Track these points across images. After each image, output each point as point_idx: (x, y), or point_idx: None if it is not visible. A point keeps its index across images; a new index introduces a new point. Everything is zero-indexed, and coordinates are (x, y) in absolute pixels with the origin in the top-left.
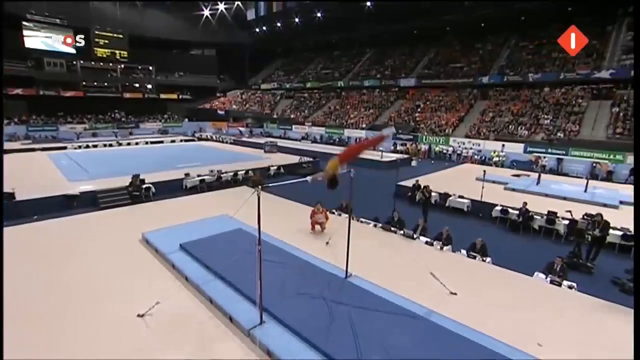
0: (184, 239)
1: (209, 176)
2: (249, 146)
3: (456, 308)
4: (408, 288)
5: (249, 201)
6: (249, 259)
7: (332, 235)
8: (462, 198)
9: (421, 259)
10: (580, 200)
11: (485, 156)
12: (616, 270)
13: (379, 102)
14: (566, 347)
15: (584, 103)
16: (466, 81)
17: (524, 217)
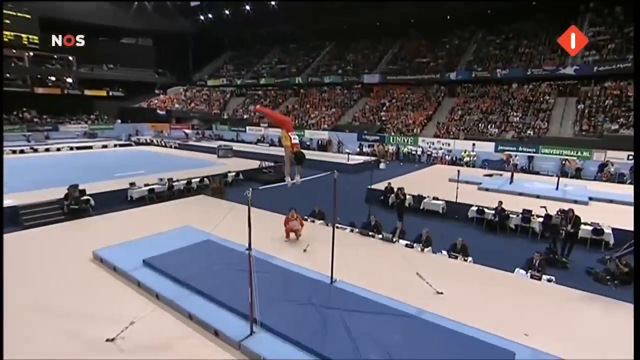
0: (145, 254)
1: (158, 185)
2: (199, 151)
3: (444, 306)
4: (395, 290)
5: (213, 209)
6: (225, 270)
7: (308, 243)
8: (437, 200)
9: (403, 262)
10: (552, 198)
11: (455, 156)
12: (589, 264)
13: (341, 100)
14: (550, 335)
15: (551, 100)
16: (433, 77)
17: (500, 216)
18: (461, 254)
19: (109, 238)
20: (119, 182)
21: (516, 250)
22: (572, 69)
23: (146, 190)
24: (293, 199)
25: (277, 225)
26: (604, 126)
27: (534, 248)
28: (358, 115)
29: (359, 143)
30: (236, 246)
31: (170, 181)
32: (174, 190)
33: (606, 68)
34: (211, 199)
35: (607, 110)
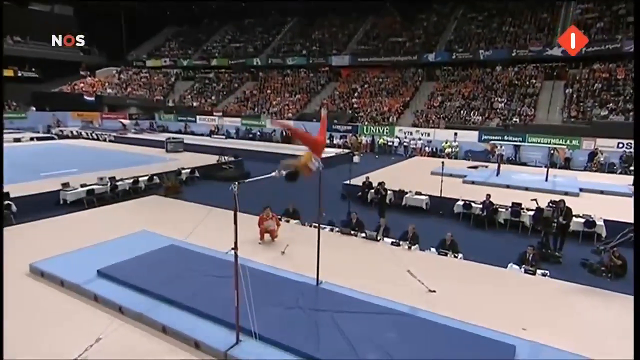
0: (98, 264)
1: (98, 186)
2: (142, 144)
3: (438, 304)
4: (385, 289)
5: (171, 211)
6: (196, 276)
7: (285, 244)
8: (420, 195)
9: (391, 261)
10: (542, 190)
11: (436, 147)
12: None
13: (307, 85)
14: (548, 328)
15: (537, 84)
16: (409, 59)
17: (488, 210)
18: (451, 251)
19: (44, 249)
20: (46, 183)
21: (506, 246)
22: (560, 50)
23: (84, 191)
24: (262, 197)
25: (248, 226)
26: (593, 112)
27: (525, 243)
28: (327, 102)
29: (329, 134)
30: (205, 251)
31: (113, 180)
32: (118, 191)
33: (595, 49)
34: (166, 199)
35: (596, 94)
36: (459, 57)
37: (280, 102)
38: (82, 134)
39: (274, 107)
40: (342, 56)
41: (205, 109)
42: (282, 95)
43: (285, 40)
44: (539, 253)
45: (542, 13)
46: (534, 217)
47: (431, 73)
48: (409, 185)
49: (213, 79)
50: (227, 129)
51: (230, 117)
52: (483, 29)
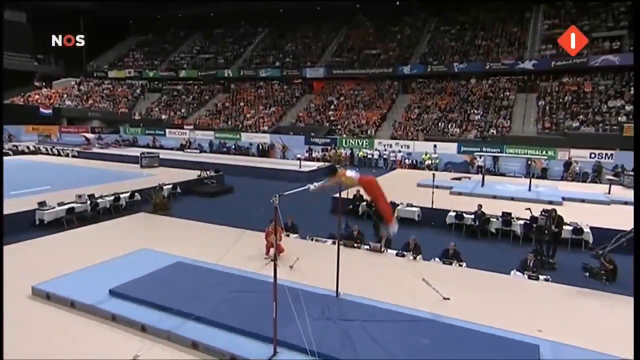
0: (106, 283)
1: (77, 204)
2: (110, 160)
3: (456, 310)
4: (401, 298)
5: (166, 228)
6: (216, 292)
7: (292, 258)
8: (412, 206)
9: (399, 270)
10: (527, 199)
11: (416, 159)
12: (575, 263)
13: (281, 97)
14: (562, 329)
15: (511, 96)
16: (385, 71)
17: (480, 220)
18: (455, 260)
19: (39, 271)
20: (18, 202)
21: (500, 254)
22: (531, 63)
23: (63, 210)
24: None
25: (246, 242)
26: (565, 124)
27: (517, 251)
28: (303, 115)
29: (308, 147)
30: (215, 267)
31: (93, 198)
32: (99, 209)
33: (563, 63)
34: (156, 216)
35: (567, 107)
36: (433, 69)
37: (254, 114)
38: (41, 149)
39: (248, 120)
40: (317, 68)
41: (175, 122)
42: (256, 108)
43: (257, 52)
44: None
45: (513, 27)
46: (528, 225)
47: (407, 85)
48: (396, 197)
49: (182, 91)
50: (200, 142)
51: (203, 130)
52: (456, 42)
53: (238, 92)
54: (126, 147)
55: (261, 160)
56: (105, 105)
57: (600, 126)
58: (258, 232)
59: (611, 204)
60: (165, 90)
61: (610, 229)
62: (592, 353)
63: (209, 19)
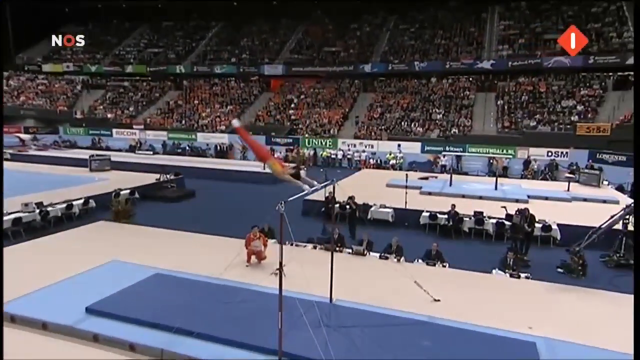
0: (80, 300)
1: (24, 213)
2: (52, 163)
3: (448, 311)
4: (392, 301)
5: (135, 238)
6: (204, 304)
7: (272, 265)
8: (385, 207)
9: (385, 273)
10: (494, 198)
11: (381, 159)
12: (545, 260)
13: (238, 95)
14: (550, 324)
15: (471, 95)
16: (345, 69)
17: (454, 220)
18: (438, 261)
19: None
20: None
21: (475, 254)
22: (489, 63)
23: (8, 221)
24: (223, 217)
25: (223, 248)
26: (523, 123)
27: (491, 250)
28: (262, 113)
29: (269, 147)
30: (197, 277)
31: (41, 206)
32: (50, 219)
33: (519, 63)
34: (118, 225)
35: (524, 106)
36: (394, 68)
37: (210, 113)
38: None
39: (204, 119)
40: (275, 65)
41: (123, 121)
42: (211, 106)
43: (211, 47)
44: None
45: (470, 27)
46: (501, 224)
47: (368, 84)
48: (367, 198)
49: (129, 88)
50: (152, 143)
51: (154, 130)
52: (416, 41)
53: (191, 89)
54: (67, 149)
55: (221, 162)
56: (41, 103)
57: (555, 125)
58: (231, 238)
59: (572, 200)
60: (110, 86)
61: (576, 226)
62: (583, 347)
63: (157, 10)
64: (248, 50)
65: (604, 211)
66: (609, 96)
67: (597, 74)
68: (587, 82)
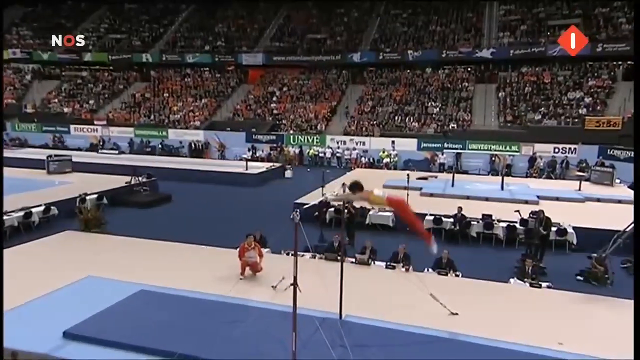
0: (55, 324)
1: None
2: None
3: (468, 326)
4: (406, 316)
5: (112, 249)
6: (198, 324)
7: (270, 276)
8: (384, 211)
9: (395, 284)
10: (502, 200)
11: (373, 157)
12: (564, 266)
13: (214, 87)
14: (581, 340)
15: (470, 87)
16: (332, 59)
17: (461, 224)
18: (450, 269)
19: None
20: None
21: (485, 261)
22: (489, 52)
23: None
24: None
25: (211, 259)
26: (527, 116)
27: (502, 256)
28: (241, 107)
29: (250, 145)
30: (186, 293)
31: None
32: (5, 229)
33: (521, 52)
34: (87, 235)
35: (528, 98)
36: (386, 57)
37: (182, 107)
38: None
39: (176, 114)
40: (254, 54)
41: (82, 116)
42: (184, 100)
43: (181, 33)
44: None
45: (467, 12)
46: (512, 228)
47: (357, 75)
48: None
49: (88, 79)
50: (117, 141)
51: (119, 126)
52: (409, 28)
53: (160, 80)
54: (17, 148)
55: (197, 162)
56: None
57: (562, 119)
58: (218, 248)
59: (585, 201)
60: (66, 77)
61: (592, 229)
62: None
63: None
64: (223, 37)
65: (620, 212)
66: (618, 87)
67: (606, 63)
68: (595, 72)
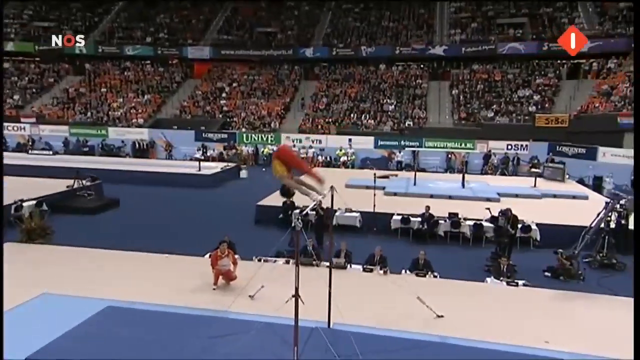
0: (12, 350)
1: None
2: None
3: (456, 328)
4: (393, 321)
5: (59, 261)
6: (179, 341)
7: (245, 285)
8: (351, 211)
9: (374, 288)
10: (464, 197)
11: (330, 156)
12: (529, 263)
13: (157, 82)
14: (568, 338)
15: (424, 84)
16: (283, 54)
17: (429, 223)
18: (428, 270)
19: None
20: None
21: (454, 260)
22: (442, 49)
23: None
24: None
25: (177, 269)
26: (480, 114)
27: (470, 255)
28: (188, 104)
29: (201, 144)
30: (158, 307)
31: None
32: None
33: (473, 49)
34: (31, 246)
35: (480, 96)
36: (339, 53)
37: (123, 104)
38: None
39: (116, 110)
40: (201, 47)
41: (8, 113)
42: (124, 95)
43: (119, 23)
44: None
45: (419, 9)
46: (476, 226)
47: (309, 71)
48: (326, 202)
49: (11, 71)
50: (49, 141)
51: (51, 124)
52: (361, 23)
53: (97, 74)
54: None
55: (144, 163)
56: None
57: (513, 116)
58: (183, 256)
59: (542, 197)
60: None
61: (553, 225)
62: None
63: None
64: (166, 28)
65: (577, 208)
66: (564, 85)
67: (552, 62)
68: (542, 71)
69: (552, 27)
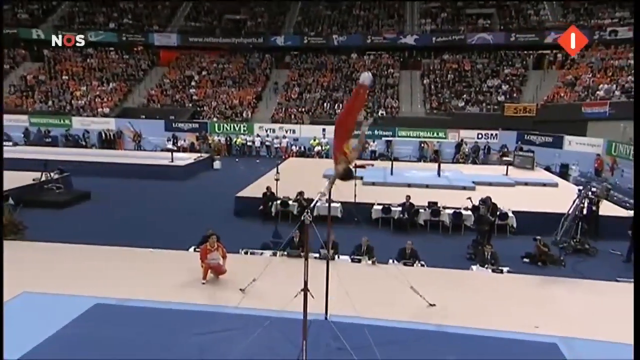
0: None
1: None
2: None
3: (448, 317)
4: (387, 311)
5: (31, 258)
6: (174, 338)
7: (235, 279)
8: (332, 202)
9: (365, 279)
10: (440, 186)
11: (304, 146)
12: (507, 249)
13: (122, 70)
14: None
15: (396, 73)
16: (254, 42)
17: (409, 212)
18: (415, 260)
19: None
20: None
21: (435, 248)
22: (413, 38)
23: None
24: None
25: (160, 263)
26: (451, 103)
27: (450, 243)
28: (155, 93)
29: (171, 134)
30: (148, 304)
31: None
32: None
33: (443, 39)
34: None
35: (451, 85)
36: (311, 41)
37: (86, 92)
38: None
39: (79, 99)
40: (167, 34)
41: None
42: (87, 83)
43: (79, 8)
44: (476, 251)
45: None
46: (456, 215)
47: (280, 59)
48: (308, 192)
49: None
50: (7, 131)
51: (8, 113)
52: (332, 11)
53: (57, 60)
54: None
55: (113, 154)
56: None
57: (483, 106)
58: (164, 250)
59: (515, 185)
60: None
61: (529, 212)
62: (600, 343)
63: None
64: (130, 14)
65: (548, 195)
66: (530, 75)
67: (519, 53)
68: (510, 61)
69: (519, 19)
